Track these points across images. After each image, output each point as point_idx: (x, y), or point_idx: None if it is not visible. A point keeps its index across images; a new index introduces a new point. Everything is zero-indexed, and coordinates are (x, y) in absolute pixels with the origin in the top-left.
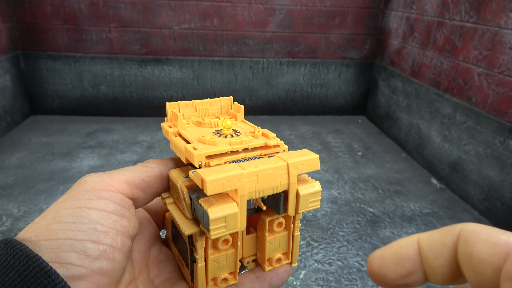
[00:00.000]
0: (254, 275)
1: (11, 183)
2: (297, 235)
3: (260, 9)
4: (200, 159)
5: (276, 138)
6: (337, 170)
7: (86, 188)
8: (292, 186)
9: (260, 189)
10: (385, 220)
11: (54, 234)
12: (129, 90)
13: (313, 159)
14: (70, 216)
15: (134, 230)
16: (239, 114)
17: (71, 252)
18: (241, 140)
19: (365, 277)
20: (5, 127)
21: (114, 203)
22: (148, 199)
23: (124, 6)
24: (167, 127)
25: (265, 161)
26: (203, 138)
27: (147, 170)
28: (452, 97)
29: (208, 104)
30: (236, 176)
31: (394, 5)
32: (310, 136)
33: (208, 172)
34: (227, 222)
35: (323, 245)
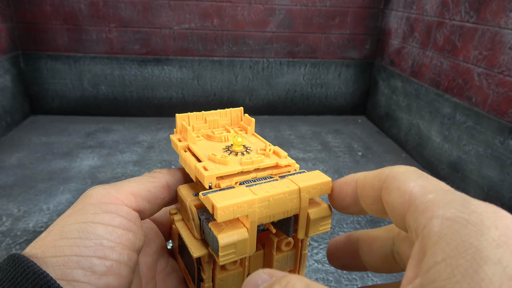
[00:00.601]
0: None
1: (11, 183)
2: (305, 253)
3: (260, 9)
4: (210, 180)
5: (288, 157)
6: (337, 170)
7: (92, 202)
8: (303, 210)
9: (271, 214)
10: (385, 220)
11: (60, 251)
12: (129, 90)
13: (325, 183)
14: (76, 231)
15: (140, 243)
16: (249, 127)
17: (77, 269)
18: (252, 160)
19: (365, 277)
20: (5, 127)
21: (120, 216)
22: (155, 210)
23: (124, 6)
24: (177, 140)
25: (277, 185)
26: (214, 156)
27: (154, 181)
28: (452, 97)
29: (218, 115)
30: (248, 203)
31: (394, 5)
32: (310, 136)
33: (219, 197)
34: (236, 248)
35: (323, 245)
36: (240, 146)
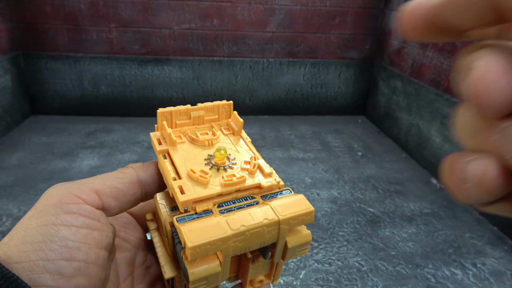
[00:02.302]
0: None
1: (11, 183)
2: (281, 262)
3: (260, 9)
4: (186, 205)
5: (272, 175)
6: (337, 170)
7: (52, 203)
8: (280, 240)
9: (246, 246)
10: (385, 220)
11: (25, 256)
12: (129, 90)
13: (308, 213)
14: (39, 235)
15: (108, 240)
16: (237, 129)
17: (44, 273)
18: (233, 182)
19: (365, 277)
20: (5, 127)
21: (83, 216)
22: (124, 207)
23: (124, 6)
24: (156, 142)
25: (255, 215)
26: (193, 174)
27: (122, 177)
28: (452, 97)
29: (204, 110)
30: (221, 240)
31: (394, 5)
32: (310, 136)
33: (192, 232)
34: (208, 280)
35: (323, 245)
36: (223, 159)
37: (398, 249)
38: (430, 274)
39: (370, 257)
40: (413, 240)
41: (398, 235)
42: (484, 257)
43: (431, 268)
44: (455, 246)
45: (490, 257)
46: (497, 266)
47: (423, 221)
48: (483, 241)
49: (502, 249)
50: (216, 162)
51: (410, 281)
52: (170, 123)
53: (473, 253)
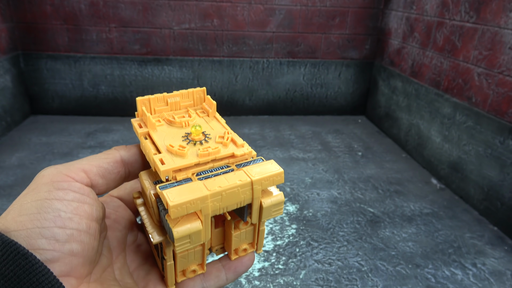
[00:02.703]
0: (220, 263)
1: (11, 183)
2: (262, 229)
3: (260, 9)
4: (167, 174)
5: (244, 146)
6: (337, 170)
7: (44, 182)
8: (255, 200)
9: (224, 206)
10: (385, 220)
11: (22, 225)
12: (129, 90)
13: (278, 174)
14: (34, 208)
15: (98, 214)
16: (211, 110)
17: (41, 239)
18: (208, 152)
19: (365, 277)
20: (5, 127)
21: (73, 192)
22: (110, 185)
23: (124, 6)
24: (137, 126)
25: (230, 178)
26: (171, 148)
27: (106, 157)
28: (452, 97)
29: (180, 96)
30: (200, 199)
31: (394, 5)
32: (310, 136)
33: (173, 194)
34: (191, 238)
35: (323, 245)
36: (199, 135)
37: (398, 249)
38: (430, 274)
39: (370, 257)
40: (413, 240)
41: (398, 235)
42: (484, 257)
43: (431, 268)
44: (455, 246)
45: (490, 257)
46: (497, 266)
47: (423, 221)
48: (483, 241)
49: (502, 249)
50: (192, 138)
51: (410, 281)
52: (149, 109)
53: (473, 253)
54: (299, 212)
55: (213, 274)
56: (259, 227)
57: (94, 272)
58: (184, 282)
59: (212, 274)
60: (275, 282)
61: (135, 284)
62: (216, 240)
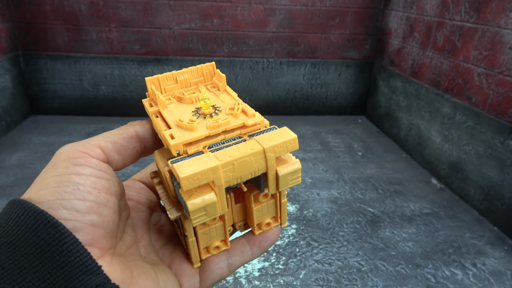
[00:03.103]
0: (244, 239)
1: (11, 183)
2: (284, 202)
3: (260, 9)
4: (177, 149)
5: (256, 116)
6: (337, 170)
7: (62, 159)
8: (270, 169)
9: (237, 177)
10: (385, 220)
11: (43, 197)
12: (129, 90)
13: (291, 140)
14: (53, 182)
15: (116, 189)
16: (221, 84)
17: (62, 210)
18: (218, 124)
19: (365, 277)
20: (5, 127)
21: (90, 167)
22: (127, 160)
23: (124, 6)
24: (148, 105)
25: (241, 147)
26: (181, 122)
27: (121, 133)
28: (452, 97)
29: (189, 73)
30: (211, 169)
31: (394, 5)
32: (310, 136)
33: (183, 167)
34: (207, 210)
35: (323, 245)
36: (208, 108)
37: (398, 249)
38: (430, 274)
39: (370, 257)
40: (413, 240)
41: (398, 235)
42: (484, 257)
43: (431, 268)
44: (455, 246)
45: (490, 257)
46: (497, 266)
47: (423, 221)
48: (483, 241)
49: (502, 249)
50: (202, 111)
51: (410, 281)
52: (159, 88)
53: (473, 253)
54: (299, 212)
55: (238, 249)
56: (280, 199)
57: (118, 247)
58: (209, 258)
59: (236, 249)
60: (275, 282)
61: (160, 261)
62: (238, 216)
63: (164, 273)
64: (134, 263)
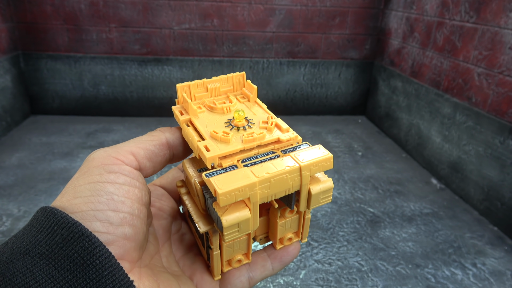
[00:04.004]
0: (265, 253)
1: (11, 183)
2: (308, 218)
3: (260, 9)
4: (212, 161)
5: (289, 131)
6: (337, 170)
7: (95, 165)
8: (304, 187)
9: (272, 194)
10: (385, 220)
11: (77, 207)
12: (129, 90)
13: (327, 159)
14: (87, 190)
15: (146, 198)
16: (252, 95)
17: (95, 221)
18: (253, 138)
19: (365, 277)
20: (5, 127)
21: (124, 175)
22: (157, 168)
23: (124, 6)
24: (178, 113)
25: (278, 164)
26: (215, 134)
27: (152, 139)
28: (452, 97)
29: (220, 82)
30: (249, 186)
31: (394, 5)
32: (310, 136)
33: (221, 181)
34: (240, 227)
35: (323, 245)
36: (242, 120)
37: (398, 249)
38: (430, 274)
39: (370, 257)
40: (413, 240)
41: (398, 235)
42: (484, 257)
43: (431, 268)
44: (455, 246)
45: (490, 257)
46: (497, 266)
47: (423, 221)
48: (483, 241)
49: (502, 249)
50: (235, 123)
51: (410, 281)
52: (189, 95)
53: (473, 253)
54: None
55: (259, 263)
56: (304, 215)
57: (143, 258)
58: (230, 272)
59: (258, 263)
60: (275, 282)
61: (182, 272)
62: (261, 229)
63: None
64: (160, 275)
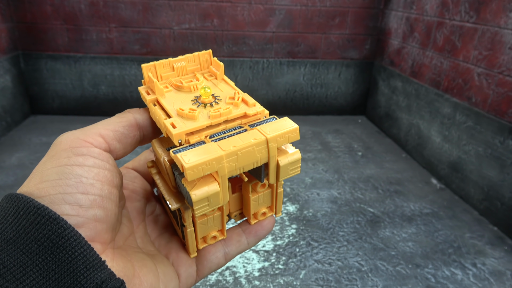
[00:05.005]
0: (240, 229)
1: (11, 183)
2: (280, 192)
3: (260, 9)
4: (179, 138)
5: (256, 105)
6: (337, 170)
7: (63, 148)
8: (272, 159)
9: (240, 166)
10: (385, 220)
11: (44, 191)
12: (129, 90)
13: (293, 130)
14: (55, 174)
15: (117, 180)
16: (219, 73)
17: (64, 205)
18: (220, 113)
19: (365, 277)
20: (5, 127)
21: (93, 157)
22: (127, 149)
23: (124, 6)
24: (145, 93)
25: (244, 137)
26: (182, 111)
27: (121, 121)
28: (452, 97)
29: (186, 61)
30: (216, 159)
31: (394, 5)
32: (310, 136)
33: (187, 156)
34: (210, 200)
35: (323, 245)
36: (208, 97)
37: (398, 249)
38: (430, 274)
39: (370, 257)
40: (413, 240)
41: (398, 235)
42: (484, 257)
43: (431, 268)
44: (455, 246)
45: (490, 257)
46: (497, 266)
47: (423, 221)
48: (483, 241)
49: (502, 249)
50: (202, 100)
51: (410, 281)
52: (155, 75)
53: (473, 253)
54: (299, 212)
55: (234, 239)
56: (276, 189)
57: (117, 239)
58: (206, 248)
59: (233, 239)
60: (275, 282)
61: (158, 252)
62: (234, 205)
63: (163, 264)
64: (134, 255)
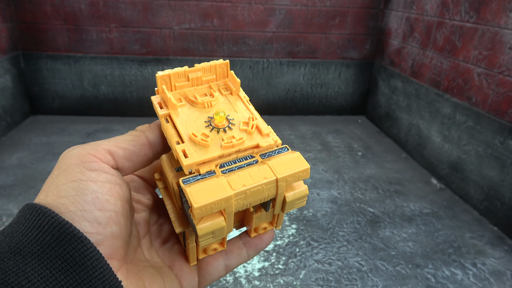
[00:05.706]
0: (241, 241)
1: (11, 183)
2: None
3: (260, 9)
4: (190, 168)
5: (270, 135)
6: (337, 170)
7: (74, 162)
8: (279, 196)
9: (248, 203)
10: (385, 220)
11: (64, 208)
12: (129, 90)
13: (304, 171)
14: (71, 189)
15: (128, 194)
16: (234, 89)
17: (84, 222)
18: (232, 144)
19: (365, 277)
20: (5, 127)
21: (104, 173)
22: (138, 167)
23: (124, 6)
24: (158, 106)
25: (255, 174)
26: (194, 138)
27: (133, 139)
28: (452, 97)
29: (201, 71)
30: (225, 200)
31: (394, 5)
32: (310, 136)
33: (197, 194)
34: (214, 234)
35: (323, 245)
36: (222, 121)
37: (398, 249)
38: (430, 274)
39: (370, 257)
40: (413, 240)
41: (398, 235)
42: (484, 257)
43: (431, 268)
44: (455, 246)
45: (490, 257)
46: (497, 266)
47: (423, 221)
48: (483, 241)
49: (502, 249)
50: (215, 124)
51: (410, 281)
52: (169, 85)
53: (473, 253)
54: (299, 212)
55: (235, 252)
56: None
57: (128, 253)
58: (208, 261)
59: (234, 252)
60: (275, 282)
61: (163, 263)
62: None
63: (169, 278)
64: (145, 271)
